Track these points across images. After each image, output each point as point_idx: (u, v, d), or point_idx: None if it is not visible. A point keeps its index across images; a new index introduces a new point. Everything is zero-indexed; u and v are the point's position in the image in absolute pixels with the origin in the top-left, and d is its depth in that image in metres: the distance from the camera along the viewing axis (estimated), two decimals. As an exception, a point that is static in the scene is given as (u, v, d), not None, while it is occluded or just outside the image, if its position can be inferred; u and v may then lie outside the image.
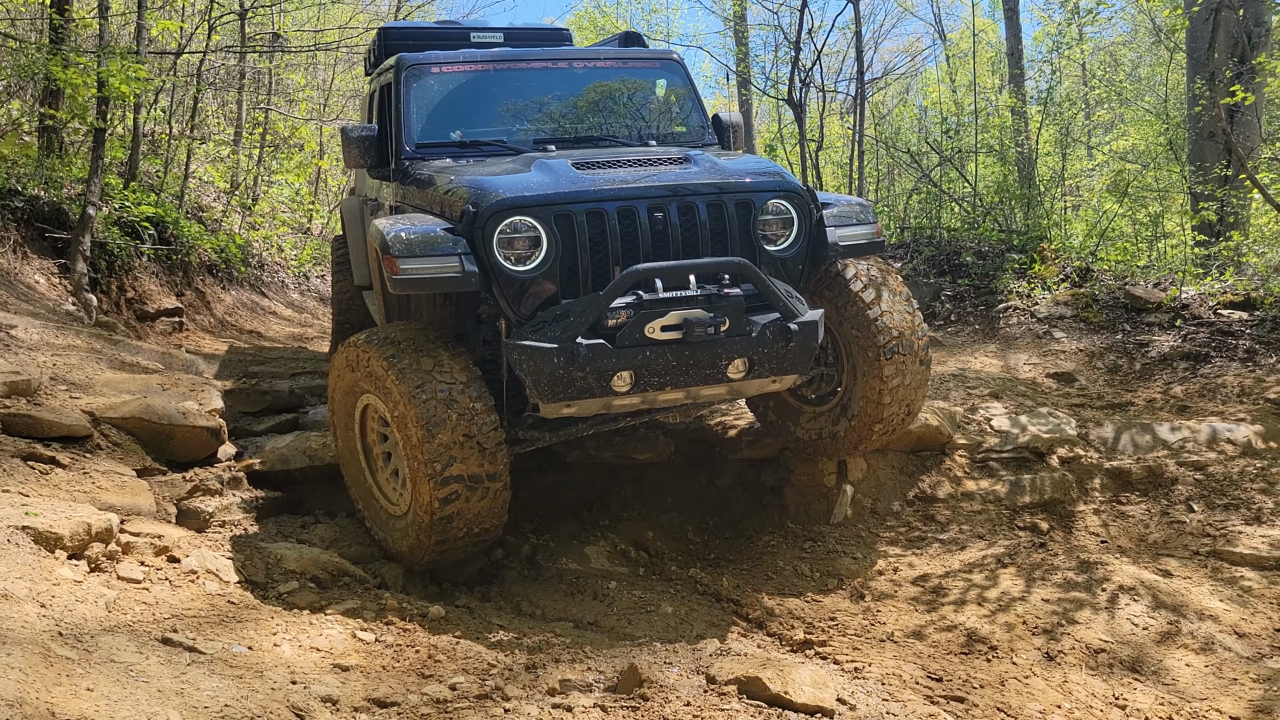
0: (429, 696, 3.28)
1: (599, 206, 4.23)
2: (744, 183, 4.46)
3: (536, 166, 4.51)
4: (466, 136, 5.34)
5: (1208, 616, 4.13)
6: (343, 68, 18.76)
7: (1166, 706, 3.61)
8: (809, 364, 4.45)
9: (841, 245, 4.65)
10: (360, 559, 4.66)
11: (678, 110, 5.93)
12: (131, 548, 3.84)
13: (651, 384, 4.16)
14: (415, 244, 4.14)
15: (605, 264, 4.23)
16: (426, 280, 4.11)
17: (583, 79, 5.80)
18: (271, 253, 13.26)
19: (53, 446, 4.47)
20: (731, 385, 4.31)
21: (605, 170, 4.47)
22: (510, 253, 4.17)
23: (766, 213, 4.47)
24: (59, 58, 7.67)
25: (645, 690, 3.34)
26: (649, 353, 4.09)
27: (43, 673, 2.69)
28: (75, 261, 7.46)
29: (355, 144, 5.22)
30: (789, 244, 4.54)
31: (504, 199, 4.18)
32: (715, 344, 4.14)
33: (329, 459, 5.36)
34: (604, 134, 5.52)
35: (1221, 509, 5.19)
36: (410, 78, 5.45)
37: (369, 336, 4.45)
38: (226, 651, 3.30)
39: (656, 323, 4.08)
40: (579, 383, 4.06)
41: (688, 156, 4.68)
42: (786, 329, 4.22)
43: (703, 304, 4.13)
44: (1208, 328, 7.43)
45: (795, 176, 4.62)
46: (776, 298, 4.24)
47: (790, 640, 4.07)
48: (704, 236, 4.34)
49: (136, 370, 5.76)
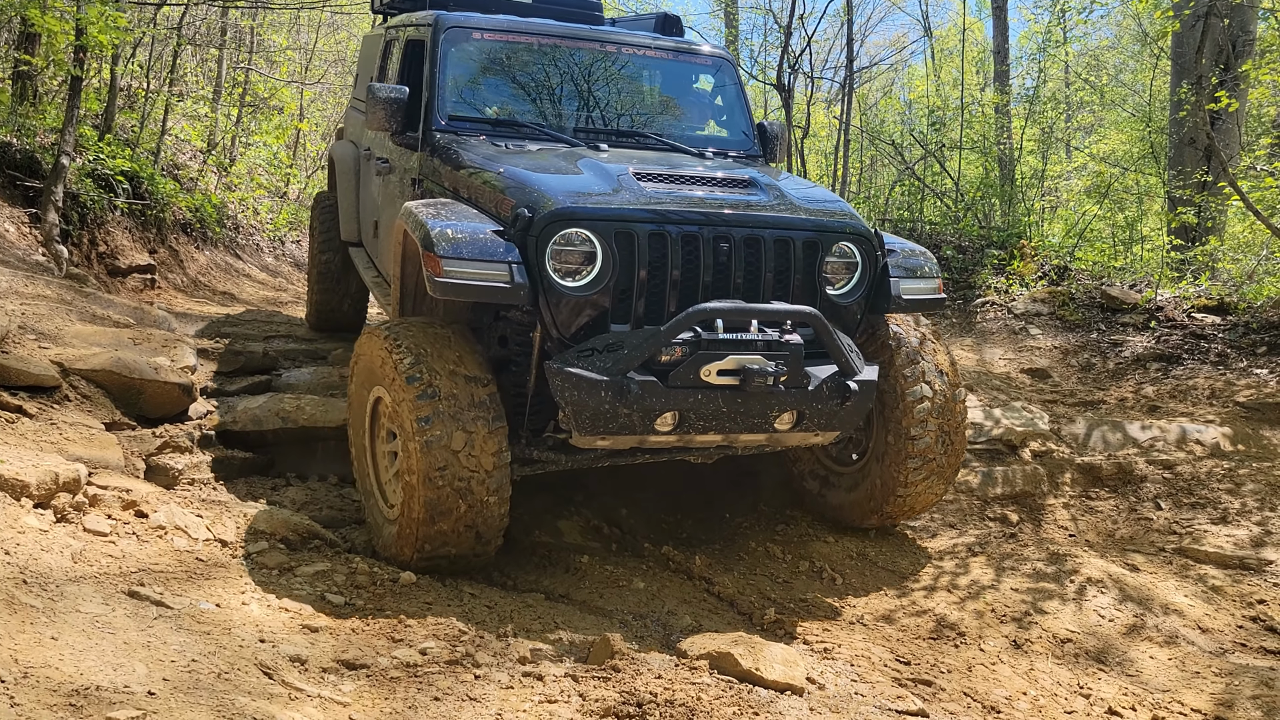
0: (399, 660, 3.26)
1: (663, 228, 3.89)
2: (815, 220, 4.14)
3: (591, 168, 4.19)
4: (504, 114, 4.95)
5: (1173, 611, 4.19)
6: (326, 31, 18.49)
7: (1130, 697, 3.65)
8: (858, 424, 4.21)
9: (905, 299, 4.30)
10: (331, 522, 4.61)
11: (724, 114, 5.55)
12: (99, 500, 3.78)
13: (695, 427, 3.87)
14: (463, 245, 3.76)
15: (661, 290, 3.92)
16: (472, 288, 3.74)
17: (630, 67, 5.40)
18: (247, 215, 13.07)
19: (20, 396, 4.39)
20: (773, 435, 4.05)
21: (671, 185, 4.11)
22: (560, 265, 3.84)
23: (831, 254, 4.16)
24: (37, 2, 7.49)
25: (616, 662, 3.33)
26: (700, 396, 3.80)
27: (6, 619, 2.64)
28: (47, 211, 7.30)
29: (383, 106, 4.78)
30: (849, 289, 4.23)
31: (564, 207, 3.83)
32: (770, 395, 3.86)
33: (302, 422, 5.30)
34: (647, 131, 5.16)
35: (1189, 508, 5.26)
36: (449, 41, 4.99)
37: (388, 328, 4.13)
38: (194, 608, 3.26)
39: (713, 366, 3.77)
40: (622, 418, 3.77)
41: (754, 180, 4.30)
42: (845, 387, 3.95)
43: (762, 350, 3.82)
44: (1181, 330, 7.52)
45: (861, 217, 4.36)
46: (840, 352, 3.96)
47: (761, 620, 4.07)
48: (767, 274, 4.02)
49: (107, 324, 5.66)
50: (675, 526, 5.31)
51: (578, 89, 5.21)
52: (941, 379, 4.59)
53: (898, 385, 4.52)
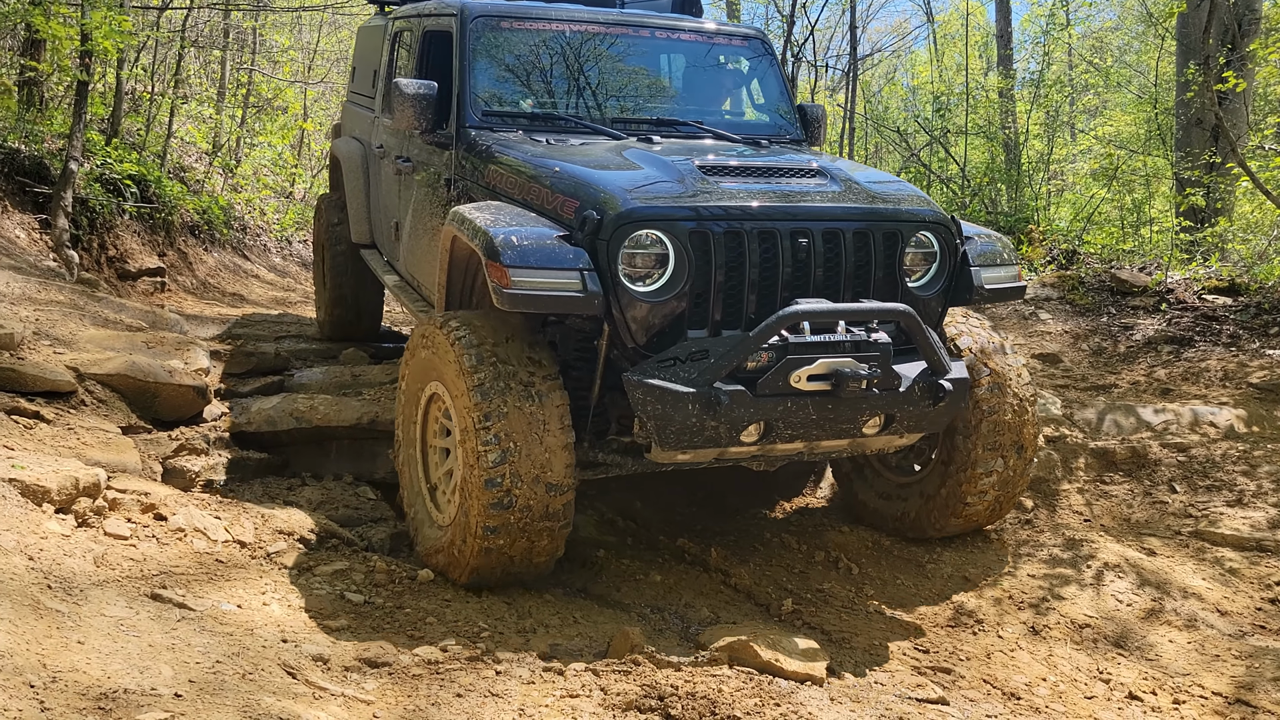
0: (420, 658, 3.28)
1: (738, 226, 3.66)
2: (894, 210, 3.93)
3: (652, 163, 3.96)
4: (538, 107, 4.71)
5: (1191, 595, 4.18)
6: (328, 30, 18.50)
7: (1150, 681, 3.65)
8: (946, 425, 4.02)
9: (987, 289, 4.07)
10: (347, 521, 4.63)
11: (764, 98, 5.30)
12: (118, 504, 3.80)
13: (782, 436, 3.65)
14: (530, 252, 3.52)
15: (739, 292, 3.70)
16: (543, 298, 3.50)
17: (662, 51, 5.16)
18: (254, 216, 13.10)
19: (36, 401, 4.41)
20: (857, 440, 3.85)
21: (741, 179, 3.89)
22: (631, 270, 3.61)
23: (909, 245, 3.94)
24: (41, 8, 7.51)
25: (636, 656, 3.35)
26: (790, 404, 3.57)
27: (33, 625, 2.66)
28: (56, 217, 7.34)
29: (412, 103, 4.50)
30: (928, 281, 4.02)
31: (634, 208, 3.59)
32: (863, 400, 3.64)
33: (316, 421, 5.31)
34: (687, 119, 4.90)
35: (1204, 491, 5.25)
36: (477, 31, 4.72)
37: (450, 319, 3.87)
38: (216, 609, 3.28)
39: (803, 371, 3.55)
40: (709, 432, 3.55)
41: (823, 169, 4.07)
42: (938, 387, 3.75)
43: (851, 352, 3.62)
44: (1192, 312, 7.49)
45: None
46: (932, 350, 3.75)
47: (779, 611, 4.08)
48: (847, 270, 3.81)
49: (120, 328, 5.68)
50: (690, 519, 5.32)
51: (613, 77, 4.96)
52: (1016, 381, 4.35)
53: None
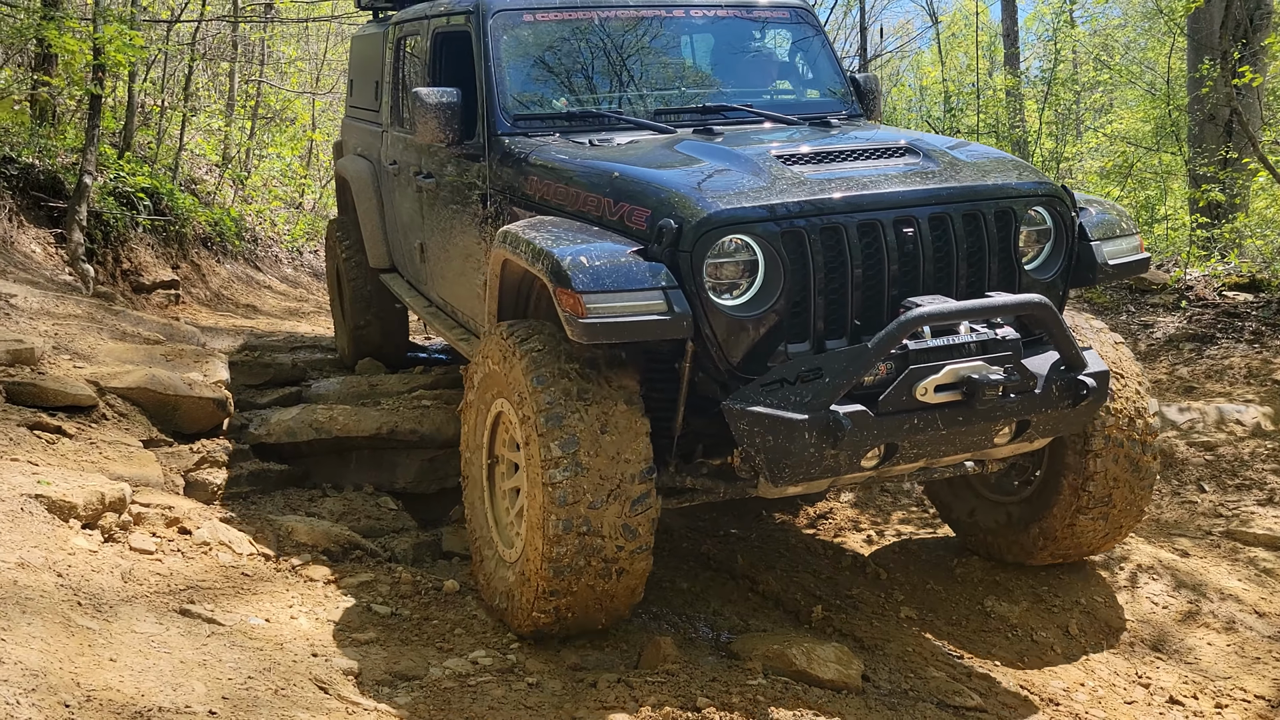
0: (450, 670, 3.25)
1: (836, 220, 3.24)
2: (1004, 184, 3.48)
3: (723, 157, 3.54)
4: (574, 105, 4.32)
5: (1228, 596, 4.13)
6: (335, 41, 18.53)
7: (1190, 685, 3.60)
8: (1082, 427, 3.63)
9: (1111, 265, 3.61)
10: (370, 532, 4.60)
11: (813, 73, 4.88)
12: (143, 518, 3.78)
13: (905, 457, 3.22)
14: (604, 274, 3.08)
15: (841, 295, 3.26)
16: (625, 325, 3.05)
17: (700, 31, 4.77)
18: (264, 227, 13.12)
19: (58, 416, 4.39)
20: (982, 453, 3.45)
21: (827, 166, 3.44)
22: (717, 281, 3.19)
23: (1023, 223, 3.51)
24: (54, 23, 7.52)
25: (669, 666, 3.31)
26: (917, 420, 3.13)
27: (64, 642, 2.63)
28: (72, 231, 7.34)
29: (435, 114, 4.13)
30: (1045, 263, 3.56)
31: (718, 211, 3.16)
32: (998, 407, 3.19)
33: (335, 432, 5.28)
34: (735, 103, 4.45)
35: (1234, 490, 5.19)
36: (498, 29, 4.32)
37: (518, 327, 3.49)
38: (244, 624, 3.26)
39: (930, 381, 3.10)
40: (828, 461, 3.10)
41: (913, 145, 3.63)
42: (1078, 384, 3.27)
43: (979, 354, 3.18)
44: (1213, 309, 7.42)
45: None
46: (1070, 344, 3.29)
47: (809, 618, 4.03)
48: (959, 259, 3.37)
49: (138, 340, 5.67)
50: (713, 525, 5.28)
51: (651, 65, 4.58)
52: (1134, 384, 3.88)
53: None
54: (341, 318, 6.69)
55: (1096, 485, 3.82)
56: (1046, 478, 3.97)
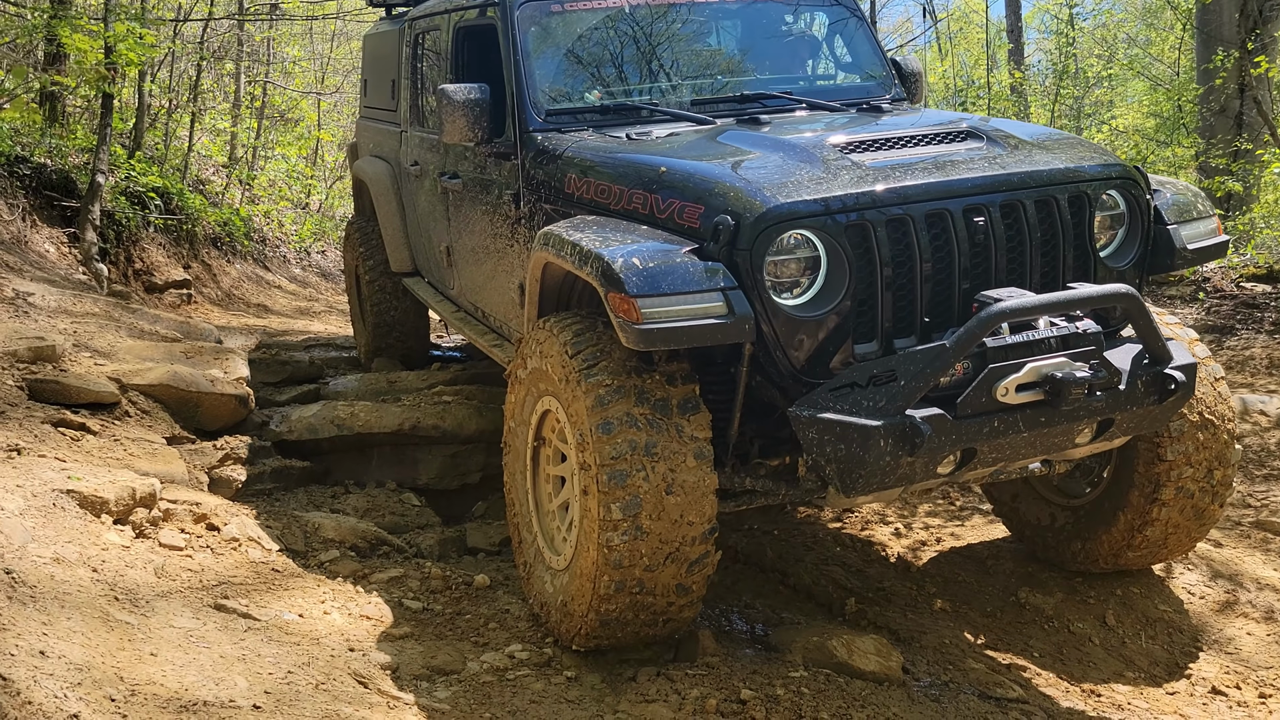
0: (488, 664, 3.22)
1: (903, 211, 3.03)
2: (1075, 167, 3.27)
3: (776, 147, 3.35)
4: (606, 98, 4.15)
5: (1266, 586, 4.09)
6: (339, 41, 18.50)
7: (1232, 675, 3.56)
8: (1167, 424, 3.42)
9: (1190, 249, 3.40)
10: (394, 528, 4.57)
11: (852, 56, 4.72)
12: (171, 514, 3.75)
13: (983, 461, 3.02)
14: (659, 276, 2.87)
15: (910, 293, 3.08)
16: (684, 330, 2.84)
17: (733, 17, 4.62)
18: (272, 227, 13.10)
19: (81, 413, 4.36)
20: (1060, 454, 3.26)
21: (889, 153, 3.24)
22: (777, 280, 3.00)
23: (1098, 208, 3.30)
24: (66, 22, 7.49)
25: (710, 659, 3.28)
26: (997, 423, 2.91)
27: (104, 637, 2.60)
28: (85, 230, 7.31)
29: (464, 111, 3.97)
30: (1119, 249, 3.36)
31: (778, 205, 2.96)
32: (1083, 406, 2.98)
33: (357, 428, 5.24)
34: (775, 90, 4.25)
35: (1261, 480, 5.15)
36: (525, 21, 4.17)
37: (569, 320, 3.31)
38: (279, 619, 3.23)
39: (1011, 381, 2.88)
40: (904, 469, 2.91)
41: (975, 129, 3.43)
42: (1165, 378, 3.06)
43: (1061, 349, 2.97)
44: (1231, 300, 7.39)
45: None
46: (1156, 336, 3.07)
47: (842, 610, 4.00)
48: (1033, 249, 3.18)
49: (157, 338, 5.64)
50: (737, 519, 5.24)
51: (685, 52, 4.42)
52: (1211, 382, 3.65)
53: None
54: (360, 318, 6.63)
55: (1173, 491, 3.61)
56: (1116, 480, 3.76)
